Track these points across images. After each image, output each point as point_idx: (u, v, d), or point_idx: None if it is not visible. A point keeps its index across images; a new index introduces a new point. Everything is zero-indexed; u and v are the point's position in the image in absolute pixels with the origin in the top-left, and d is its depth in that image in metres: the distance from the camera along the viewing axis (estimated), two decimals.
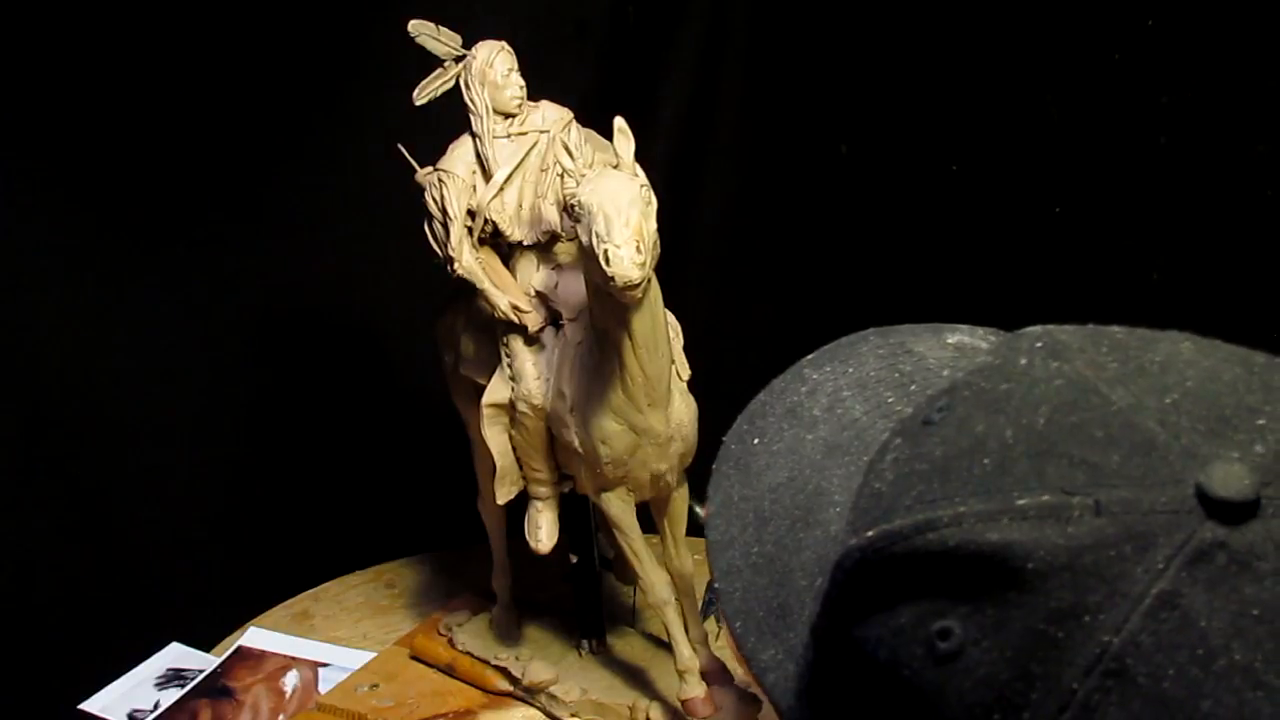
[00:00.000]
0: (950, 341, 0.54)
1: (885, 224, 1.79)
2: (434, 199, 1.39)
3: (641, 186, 1.17)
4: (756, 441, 0.53)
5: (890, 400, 0.52)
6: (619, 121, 1.21)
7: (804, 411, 0.53)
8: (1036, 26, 1.55)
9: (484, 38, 1.40)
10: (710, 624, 1.56)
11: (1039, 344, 0.45)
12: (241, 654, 1.68)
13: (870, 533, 0.43)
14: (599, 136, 1.40)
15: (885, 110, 1.76)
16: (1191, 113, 1.39)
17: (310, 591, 1.85)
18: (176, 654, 1.70)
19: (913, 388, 0.52)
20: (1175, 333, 0.45)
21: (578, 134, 1.40)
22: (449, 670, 1.59)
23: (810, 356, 0.56)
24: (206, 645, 1.72)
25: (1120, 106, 1.46)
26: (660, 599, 1.41)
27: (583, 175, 1.21)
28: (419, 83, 1.39)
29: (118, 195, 1.77)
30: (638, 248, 1.12)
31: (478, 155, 1.39)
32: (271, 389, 1.96)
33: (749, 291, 1.97)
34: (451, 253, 1.37)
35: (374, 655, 1.65)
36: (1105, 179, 1.50)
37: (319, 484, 1.99)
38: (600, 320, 1.26)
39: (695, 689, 1.41)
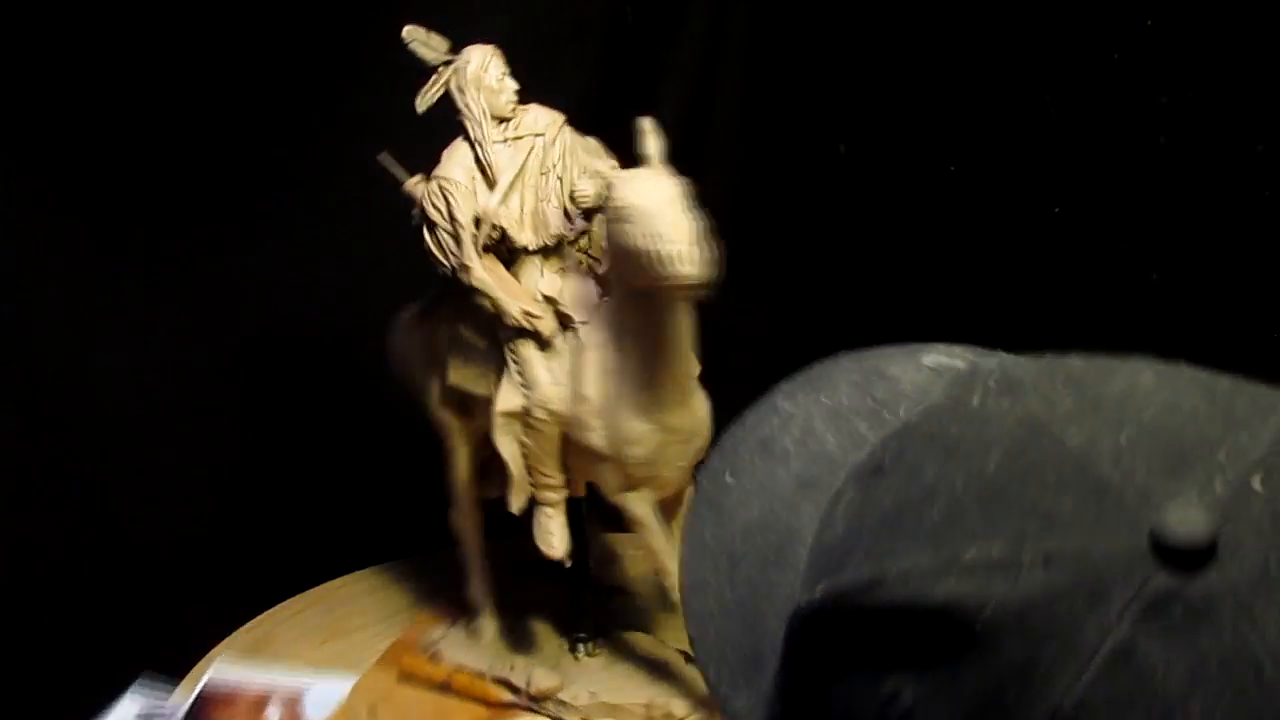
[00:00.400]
0: (926, 363, 0.52)
1: (884, 224, 1.79)
2: (437, 208, 1.37)
3: (682, 184, 1.18)
4: (729, 479, 0.52)
5: (863, 430, 0.50)
6: (645, 122, 1.22)
7: (776, 445, 0.51)
8: (1036, 26, 1.55)
9: (484, 38, 1.39)
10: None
11: (991, 382, 0.43)
12: (212, 690, 1.58)
13: (820, 589, 0.41)
14: (588, 140, 1.40)
15: (884, 110, 1.75)
16: (1191, 113, 1.39)
17: (262, 615, 1.77)
18: (142, 697, 1.60)
19: (885, 415, 0.50)
20: (1137, 361, 0.44)
21: (570, 137, 1.40)
22: (445, 688, 1.55)
23: (784, 385, 0.55)
24: (169, 678, 1.63)
25: (1120, 106, 1.46)
26: None
27: (616, 177, 1.22)
28: (418, 85, 1.38)
29: (117, 196, 1.77)
30: (699, 245, 1.12)
31: (477, 161, 1.38)
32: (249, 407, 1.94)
33: (748, 292, 1.96)
34: (467, 261, 1.36)
35: (353, 679, 1.59)
36: (1105, 179, 1.50)
37: (247, 504, 1.96)
38: (631, 321, 1.26)
39: None
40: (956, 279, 1.69)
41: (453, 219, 1.36)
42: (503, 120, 1.38)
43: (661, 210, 1.14)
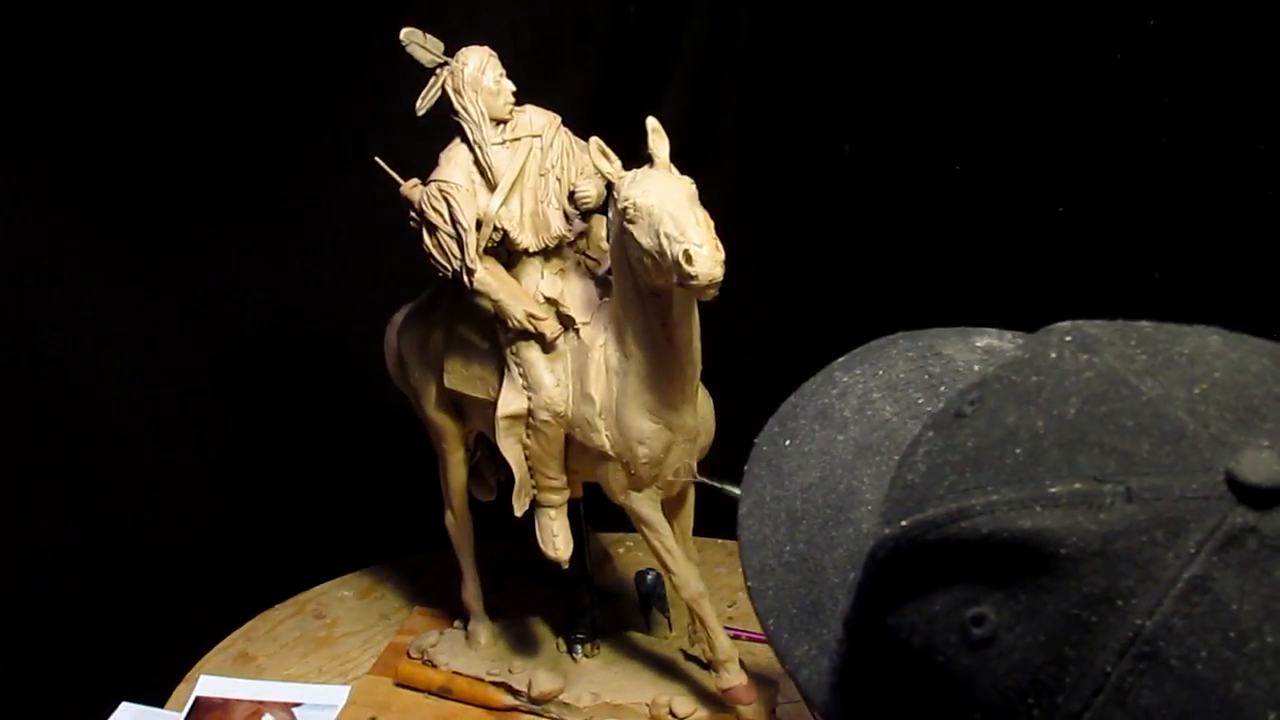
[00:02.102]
0: (978, 345, 0.56)
1: (888, 224, 1.79)
2: (438, 210, 1.36)
3: (693, 184, 1.19)
4: (788, 443, 0.55)
5: (920, 401, 0.53)
6: (652, 122, 1.22)
7: (835, 413, 0.54)
8: (1039, 26, 1.55)
9: (488, 39, 1.39)
10: (657, 616, 1.60)
11: (1068, 337, 0.46)
12: (202, 707, 1.56)
13: (904, 522, 0.44)
14: (582, 142, 1.40)
15: (888, 110, 1.76)
16: (1193, 113, 1.39)
17: (239, 631, 1.74)
18: (134, 714, 1.57)
19: (941, 389, 0.53)
20: (1202, 326, 0.46)
21: (567, 138, 1.40)
22: (444, 694, 1.55)
23: (840, 360, 0.58)
24: (155, 698, 1.60)
25: (1122, 106, 1.46)
26: (696, 591, 1.41)
27: (622, 177, 1.22)
28: (419, 87, 1.38)
29: (118, 196, 1.78)
30: (715, 245, 1.13)
31: (476, 164, 1.38)
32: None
33: (751, 292, 1.96)
34: (471, 264, 1.35)
35: (347, 688, 1.58)
36: (1107, 179, 1.50)
37: (231, 509, 1.95)
38: (638, 321, 1.26)
39: (737, 677, 1.43)
40: (960, 278, 1.69)
41: (454, 222, 1.35)
42: (500, 122, 1.38)
43: (676, 210, 1.15)
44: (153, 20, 1.69)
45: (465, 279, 1.36)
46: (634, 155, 1.25)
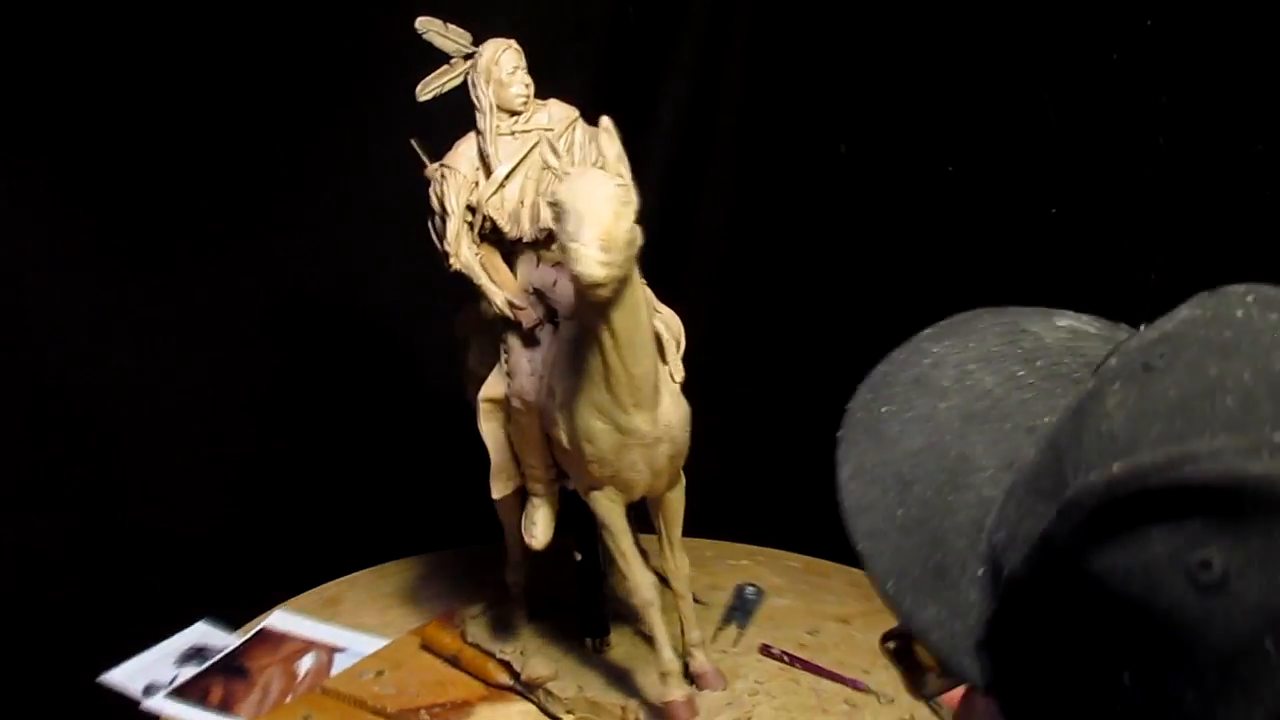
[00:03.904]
0: (1060, 325, 0.57)
1: (883, 224, 1.80)
2: (435, 194, 1.39)
3: (619, 186, 1.16)
4: (884, 409, 0.55)
5: (1021, 374, 0.54)
6: (604, 120, 1.21)
7: (932, 382, 0.55)
8: (1035, 27, 1.55)
9: (485, 37, 1.40)
10: (730, 631, 1.57)
11: (1249, 298, 0.47)
12: (263, 635, 1.70)
13: (1115, 468, 0.44)
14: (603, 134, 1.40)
15: (884, 111, 1.76)
16: (1191, 113, 1.39)
17: (346, 577, 1.85)
18: (201, 632, 1.72)
19: (1039, 363, 0.54)
20: None
21: (583, 133, 1.40)
22: (454, 661, 1.59)
23: (927, 331, 0.58)
24: (235, 625, 1.73)
25: (1119, 106, 1.46)
26: (645, 600, 1.40)
27: (566, 173, 1.21)
28: (422, 79, 1.39)
29: (119, 194, 1.77)
30: (602, 247, 1.11)
31: (480, 151, 1.39)
32: (289, 379, 1.96)
33: (749, 291, 1.97)
34: (448, 247, 1.37)
35: (385, 640, 1.65)
36: (1103, 179, 1.50)
37: (351, 475, 2.00)
38: (584, 317, 1.26)
39: (675, 692, 1.39)
40: (954, 278, 1.69)
41: (443, 205, 1.38)
42: (513, 113, 1.39)
43: (583, 209, 1.13)
44: (152, 13, 1.69)
45: (444, 262, 1.38)
46: (632, 157, 1.25)
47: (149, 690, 1.59)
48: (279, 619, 1.73)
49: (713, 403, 1.44)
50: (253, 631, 1.70)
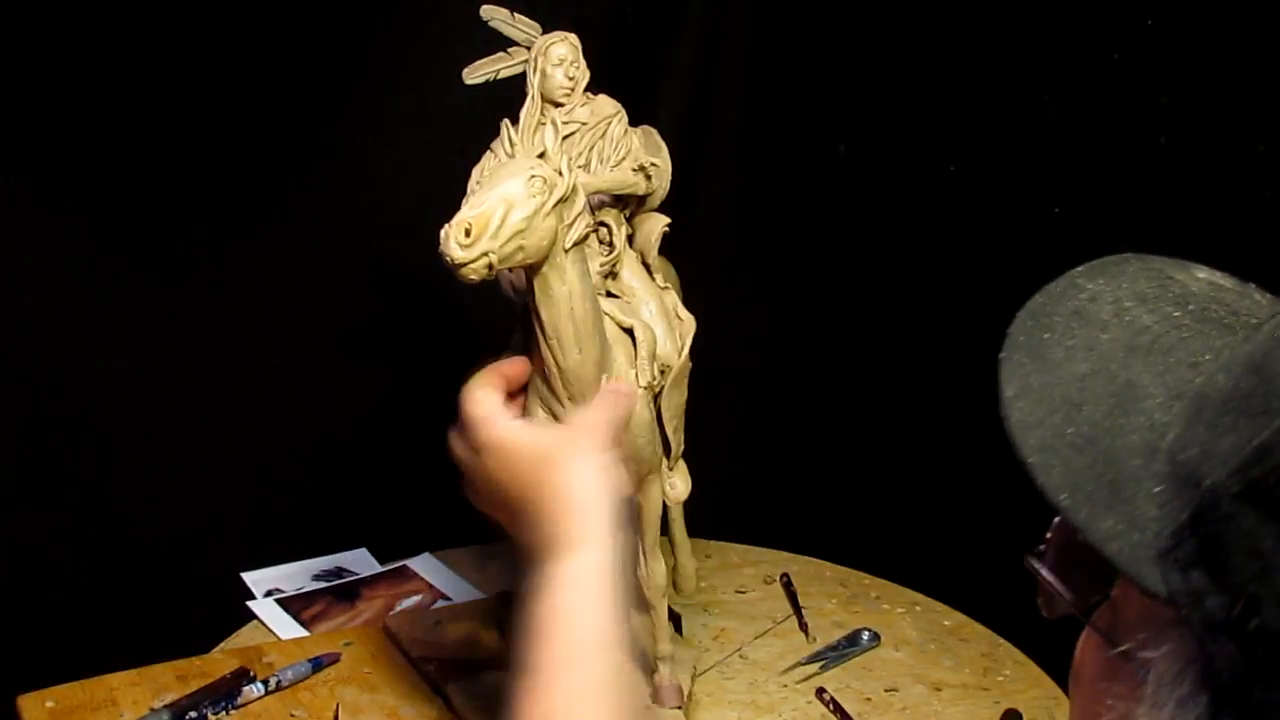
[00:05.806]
0: (1200, 276, 0.61)
1: (884, 224, 1.79)
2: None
3: (531, 177, 1.13)
4: (1046, 335, 0.59)
5: (1176, 315, 0.57)
6: (552, 113, 1.21)
7: (1091, 315, 0.59)
8: (1036, 26, 1.55)
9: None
10: (810, 668, 1.50)
11: None
12: (398, 571, 1.73)
13: None
14: (654, 134, 1.40)
15: (884, 111, 1.76)
16: (1191, 113, 1.39)
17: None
18: (355, 558, 1.76)
19: (1190, 306, 0.58)
20: None
21: (619, 128, 1.39)
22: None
23: (1079, 269, 0.63)
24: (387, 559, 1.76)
25: (1119, 106, 1.46)
26: (659, 586, 1.39)
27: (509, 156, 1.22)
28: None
29: (118, 193, 1.77)
30: (467, 230, 1.09)
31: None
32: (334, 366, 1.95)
33: (748, 292, 1.97)
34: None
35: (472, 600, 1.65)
36: (1104, 179, 1.50)
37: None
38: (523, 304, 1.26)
39: (668, 677, 1.41)
40: (956, 279, 1.69)
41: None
42: (557, 104, 1.39)
43: (478, 187, 1.13)
44: (151, 11, 1.69)
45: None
46: None
47: (269, 594, 1.65)
48: (420, 562, 1.75)
49: (712, 402, 1.44)
50: (392, 565, 1.74)
